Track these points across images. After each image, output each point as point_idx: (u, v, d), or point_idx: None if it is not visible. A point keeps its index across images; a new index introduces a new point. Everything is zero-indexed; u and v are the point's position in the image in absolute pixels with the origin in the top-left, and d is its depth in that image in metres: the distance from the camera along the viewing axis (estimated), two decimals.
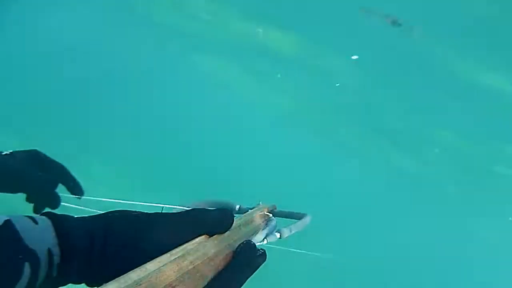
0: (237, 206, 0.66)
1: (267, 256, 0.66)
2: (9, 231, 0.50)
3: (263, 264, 0.65)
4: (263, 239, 0.76)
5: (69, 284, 0.57)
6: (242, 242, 0.64)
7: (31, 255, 0.50)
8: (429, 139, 7.16)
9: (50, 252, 0.52)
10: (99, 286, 0.55)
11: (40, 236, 0.52)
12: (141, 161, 8.35)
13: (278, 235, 0.78)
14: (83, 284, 0.57)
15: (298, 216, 0.95)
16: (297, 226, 0.85)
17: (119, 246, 0.56)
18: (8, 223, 0.51)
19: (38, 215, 0.57)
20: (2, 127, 6.73)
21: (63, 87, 7.53)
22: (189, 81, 7.36)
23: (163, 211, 0.67)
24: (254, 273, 0.64)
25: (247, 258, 0.62)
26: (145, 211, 0.62)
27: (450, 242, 7.12)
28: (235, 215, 0.69)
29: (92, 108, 7.42)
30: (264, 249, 0.66)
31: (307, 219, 0.89)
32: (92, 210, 0.73)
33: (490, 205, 6.55)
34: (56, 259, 0.53)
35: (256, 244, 0.67)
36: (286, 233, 0.79)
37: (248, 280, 0.62)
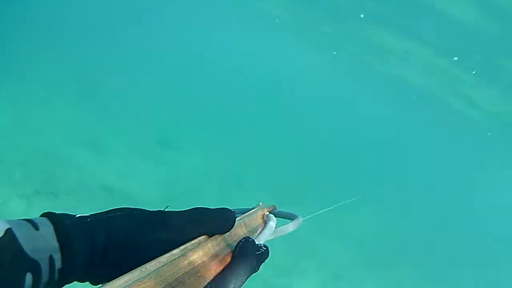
0: (233, 211, 0.70)
1: (269, 253, 0.69)
2: (10, 241, 0.51)
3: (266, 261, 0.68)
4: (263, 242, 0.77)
5: (75, 282, 0.60)
6: (240, 240, 0.65)
7: (32, 265, 0.52)
8: None
9: (51, 259, 0.54)
10: (102, 283, 0.57)
11: (41, 244, 0.54)
12: None
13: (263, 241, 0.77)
14: (88, 283, 0.61)
15: (296, 218, 0.94)
16: (281, 230, 0.85)
17: (120, 246, 0.58)
18: (9, 232, 0.52)
19: (39, 217, 0.59)
20: None
21: None
22: None
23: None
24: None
25: (246, 256, 0.63)
26: (147, 209, 0.65)
27: None
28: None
29: None
30: (267, 245, 0.69)
31: (295, 223, 0.89)
32: None
33: None
34: (58, 264, 0.55)
35: (259, 242, 0.70)
36: (262, 239, 0.79)
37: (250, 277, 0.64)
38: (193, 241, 0.61)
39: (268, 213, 0.90)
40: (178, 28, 33.99)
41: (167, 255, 0.56)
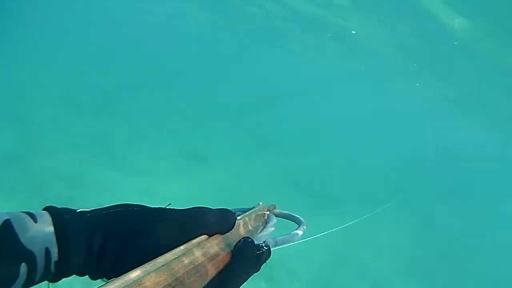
0: (234, 211, 0.70)
1: (271, 253, 0.68)
2: (7, 232, 0.55)
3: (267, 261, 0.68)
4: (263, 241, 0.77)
5: (73, 276, 0.62)
6: (240, 240, 0.66)
7: (27, 256, 0.55)
8: None
9: (47, 251, 0.57)
10: (101, 278, 0.62)
11: (38, 236, 0.57)
12: None
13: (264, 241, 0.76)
14: (87, 276, 0.63)
15: (297, 219, 0.96)
16: (287, 238, 0.84)
17: (119, 242, 0.60)
18: (6, 223, 0.55)
19: (40, 210, 0.61)
20: None
21: None
22: None
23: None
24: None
25: (245, 256, 0.64)
26: (148, 205, 0.67)
27: None
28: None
29: None
30: (269, 245, 0.69)
31: (299, 231, 0.89)
32: None
33: None
34: (54, 257, 0.58)
35: (259, 242, 0.69)
36: (271, 244, 0.78)
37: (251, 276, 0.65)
38: (193, 241, 0.63)
39: (268, 213, 0.92)
40: (204, 39, 34.78)
41: (167, 255, 0.57)
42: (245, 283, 0.63)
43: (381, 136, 34.82)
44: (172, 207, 0.68)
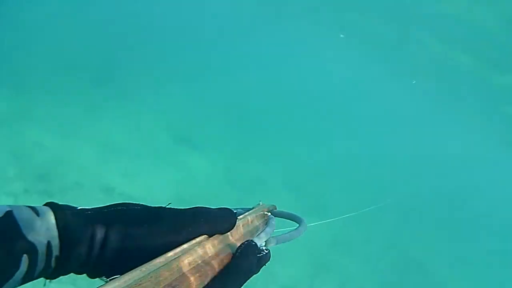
0: (235, 211, 0.73)
1: (271, 256, 0.70)
2: (9, 222, 0.55)
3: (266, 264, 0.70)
4: (264, 243, 0.79)
5: (71, 274, 0.63)
6: (243, 242, 0.68)
7: (29, 248, 0.56)
8: None
9: (49, 245, 0.58)
10: (100, 277, 0.63)
11: (41, 229, 0.57)
12: None
13: (263, 242, 0.79)
14: (85, 274, 0.64)
15: (297, 219, 0.97)
16: (288, 236, 0.87)
17: (119, 241, 0.61)
18: (9, 214, 0.56)
19: (41, 205, 0.62)
20: None
21: None
22: None
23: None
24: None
25: (247, 258, 0.66)
26: (148, 205, 0.68)
27: None
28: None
29: None
30: (269, 249, 0.71)
31: (301, 230, 0.91)
32: None
33: None
34: (55, 251, 0.59)
35: (260, 243, 0.71)
36: (272, 242, 0.81)
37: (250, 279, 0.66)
38: (193, 241, 0.64)
39: (268, 213, 0.94)
40: (210, 18, 34.48)
41: (167, 254, 0.59)
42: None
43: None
44: (172, 207, 0.69)
